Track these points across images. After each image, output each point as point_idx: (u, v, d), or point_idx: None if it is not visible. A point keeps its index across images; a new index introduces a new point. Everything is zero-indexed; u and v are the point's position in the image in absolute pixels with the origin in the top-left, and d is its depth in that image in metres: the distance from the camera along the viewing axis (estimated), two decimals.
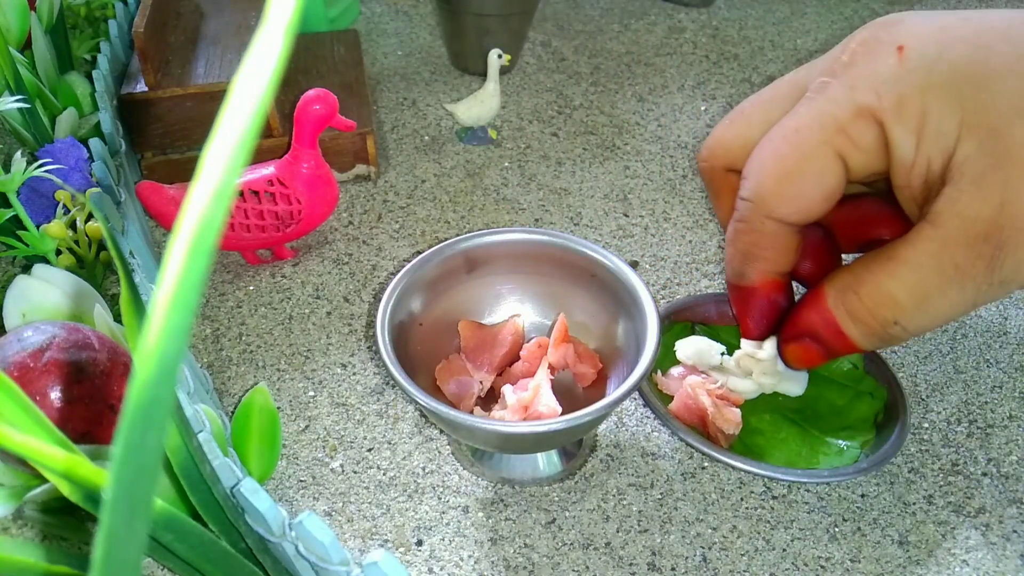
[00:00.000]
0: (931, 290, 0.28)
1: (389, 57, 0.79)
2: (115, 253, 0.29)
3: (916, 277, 0.28)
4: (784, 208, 0.32)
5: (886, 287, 0.29)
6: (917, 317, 0.29)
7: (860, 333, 0.31)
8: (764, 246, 0.33)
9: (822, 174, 0.30)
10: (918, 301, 0.29)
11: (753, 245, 0.33)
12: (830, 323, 0.32)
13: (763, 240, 0.33)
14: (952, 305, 0.29)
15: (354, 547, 0.40)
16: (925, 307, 0.29)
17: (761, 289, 0.35)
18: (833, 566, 0.39)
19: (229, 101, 0.11)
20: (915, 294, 0.29)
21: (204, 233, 0.11)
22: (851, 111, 0.29)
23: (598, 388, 0.43)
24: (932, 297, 0.28)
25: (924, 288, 0.28)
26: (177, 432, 0.29)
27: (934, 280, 0.28)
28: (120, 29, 0.63)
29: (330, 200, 0.54)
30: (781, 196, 0.31)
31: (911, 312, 0.29)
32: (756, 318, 0.36)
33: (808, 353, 0.34)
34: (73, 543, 0.39)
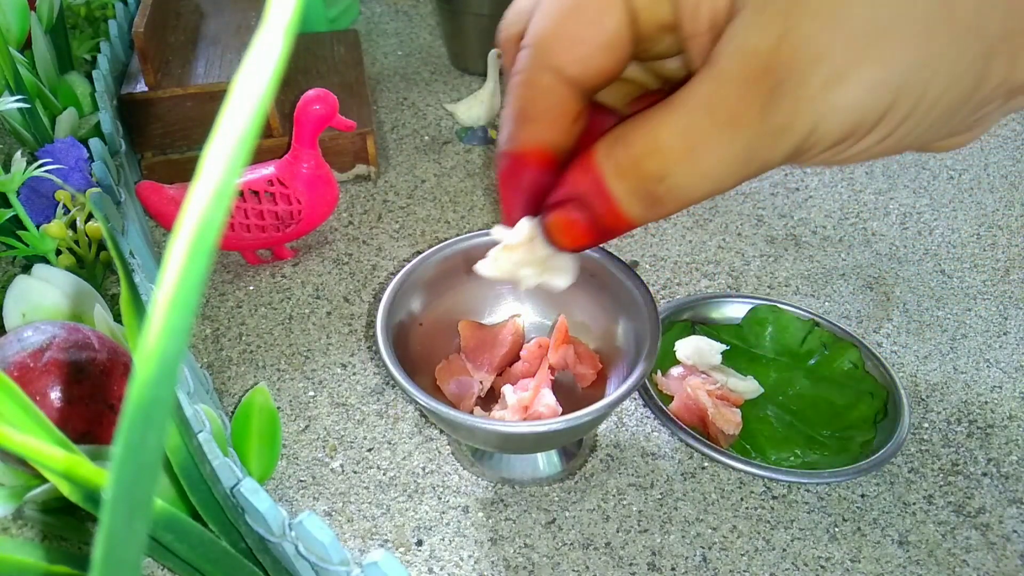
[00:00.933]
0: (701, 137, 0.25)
1: (389, 57, 0.79)
2: (115, 253, 0.29)
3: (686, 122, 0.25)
4: (562, 55, 0.28)
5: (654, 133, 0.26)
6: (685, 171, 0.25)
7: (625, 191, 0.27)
8: (539, 104, 0.29)
9: (602, 13, 0.27)
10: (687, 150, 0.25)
11: (528, 101, 0.29)
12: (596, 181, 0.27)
13: (539, 97, 0.29)
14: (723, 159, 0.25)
15: (354, 547, 0.40)
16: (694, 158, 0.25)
17: (529, 157, 0.30)
18: (833, 566, 0.39)
19: (229, 101, 0.11)
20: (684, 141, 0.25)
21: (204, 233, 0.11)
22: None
23: (598, 388, 0.43)
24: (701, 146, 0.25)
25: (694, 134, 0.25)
26: (177, 432, 0.29)
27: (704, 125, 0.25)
28: (120, 29, 0.63)
29: (330, 200, 0.54)
30: (558, 39, 0.28)
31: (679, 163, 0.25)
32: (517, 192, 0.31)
33: (572, 224, 0.29)
34: (73, 543, 0.39)
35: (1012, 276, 0.55)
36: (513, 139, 0.30)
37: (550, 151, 0.30)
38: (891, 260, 0.56)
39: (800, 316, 0.48)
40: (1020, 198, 0.62)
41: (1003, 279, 0.55)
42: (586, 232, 0.29)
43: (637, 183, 0.26)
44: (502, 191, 0.31)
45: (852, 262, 0.56)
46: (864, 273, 0.55)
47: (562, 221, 0.29)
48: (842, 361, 0.46)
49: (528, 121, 0.29)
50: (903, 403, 0.43)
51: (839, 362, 0.46)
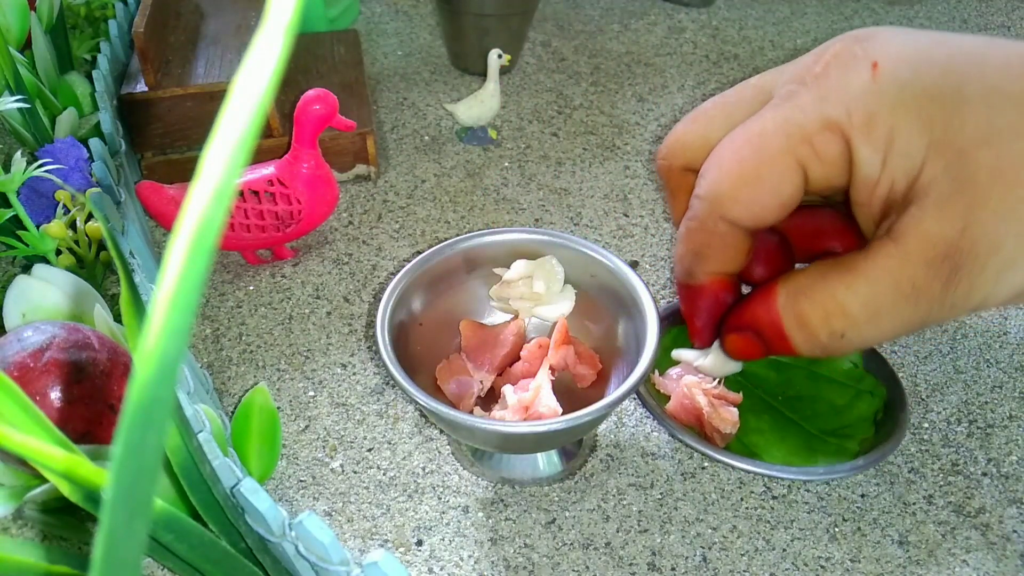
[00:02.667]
0: (885, 306, 0.28)
1: (389, 57, 0.79)
2: (115, 253, 0.29)
3: (872, 291, 0.28)
4: (738, 211, 0.31)
5: (841, 297, 0.29)
6: (866, 331, 0.29)
7: (803, 339, 0.31)
8: (715, 246, 0.33)
9: (781, 182, 0.30)
10: (870, 315, 0.29)
11: (704, 245, 0.33)
12: (775, 324, 0.32)
13: (714, 240, 0.33)
14: (902, 323, 0.29)
15: (354, 547, 0.40)
16: (876, 322, 0.29)
17: (709, 288, 0.35)
18: (833, 566, 0.39)
19: (229, 101, 0.11)
20: (868, 308, 0.29)
21: (204, 233, 0.11)
22: (818, 122, 0.29)
23: (598, 388, 0.43)
24: (884, 313, 0.28)
25: (878, 303, 0.28)
26: (177, 432, 0.29)
27: (889, 296, 0.28)
28: (120, 29, 0.63)
29: (330, 200, 0.54)
30: (736, 199, 0.31)
31: (861, 325, 0.29)
32: (703, 317, 0.36)
33: (747, 346, 0.34)
34: (73, 543, 0.39)
35: None
36: (692, 274, 0.34)
37: (730, 279, 0.35)
38: None
39: None
40: None
41: None
42: (758, 354, 0.34)
43: (817, 335, 0.30)
44: (688, 316, 0.36)
45: None
46: None
47: (740, 344, 0.34)
48: (842, 360, 0.46)
49: (706, 260, 0.34)
50: (904, 400, 0.43)
51: (839, 361, 0.46)
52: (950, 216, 0.27)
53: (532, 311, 0.44)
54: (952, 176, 0.27)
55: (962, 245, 0.27)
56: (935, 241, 0.27)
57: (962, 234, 0.26)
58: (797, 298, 0.31)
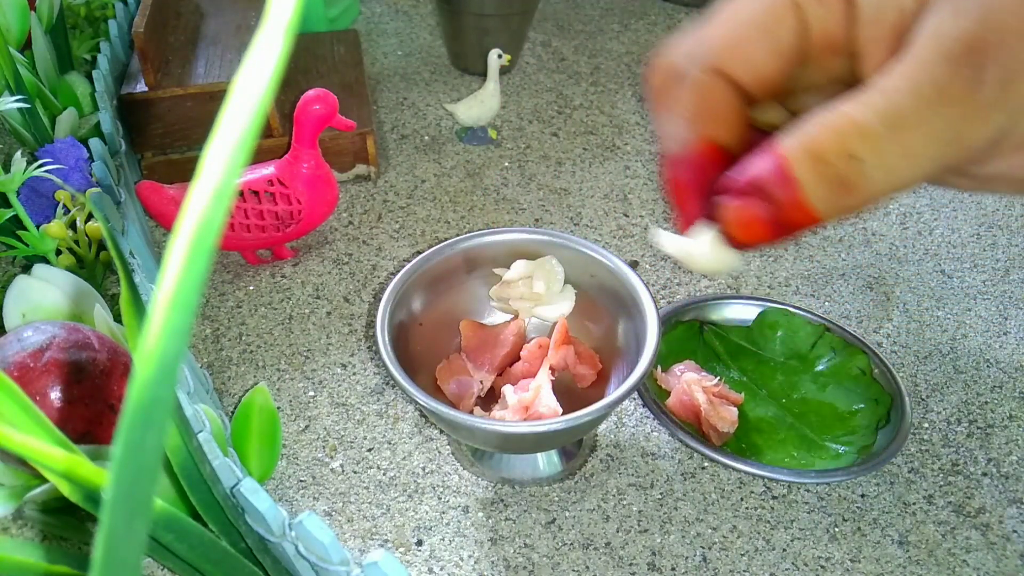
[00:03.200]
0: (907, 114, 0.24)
1: (389, 57, 0.79)
2: (115, 253, 0.29)
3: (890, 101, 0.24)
4: (736, 64, 0.28)
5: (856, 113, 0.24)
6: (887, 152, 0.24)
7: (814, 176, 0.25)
8: (709, 107, 0.29)
9: (778, 26, 0.27)
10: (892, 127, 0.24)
11: (697, 105, 0.29)
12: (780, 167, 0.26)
13: (708, 100, 0.28)
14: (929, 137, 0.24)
15: (354, 547, 0.40)
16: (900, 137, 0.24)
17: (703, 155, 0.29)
18: (833, 566, 0.39)
19: (229, 101, 0.11)
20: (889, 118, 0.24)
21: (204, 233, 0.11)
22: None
23: (598, 388, 0.43)
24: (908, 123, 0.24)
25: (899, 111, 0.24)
26: (177, 432, 0.29)
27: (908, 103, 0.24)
28: (120, 29, 0.63)
29: (330, 200, 0.54)
30: (733, 50, 0.28)
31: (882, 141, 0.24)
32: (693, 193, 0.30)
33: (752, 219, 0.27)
34: (73, 543, 0.39)
35: (1012, 276, 0.55)
36: (686, 140, 0.29)
37: (724, 149, 0.29)
38: (891, 260, 0.56)
39: (811, 320, 0.48)
40: (1020, 198, 0.62)
41: (1003, 279, 0.55)
42: (765, 227, 0.27)
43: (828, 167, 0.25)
44: (676, 194, 0.30)
45: (852, 262, 0.56)
46: (864, 273, 0.55)
47: (741, 215, 0.27)
48: (850, 367, 0.46)
49: (704, 120, 0.29)
50: (906, 410, 0.43)
51: (847, 367, 0.46)
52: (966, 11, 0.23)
53: (532, 311, 0.44)
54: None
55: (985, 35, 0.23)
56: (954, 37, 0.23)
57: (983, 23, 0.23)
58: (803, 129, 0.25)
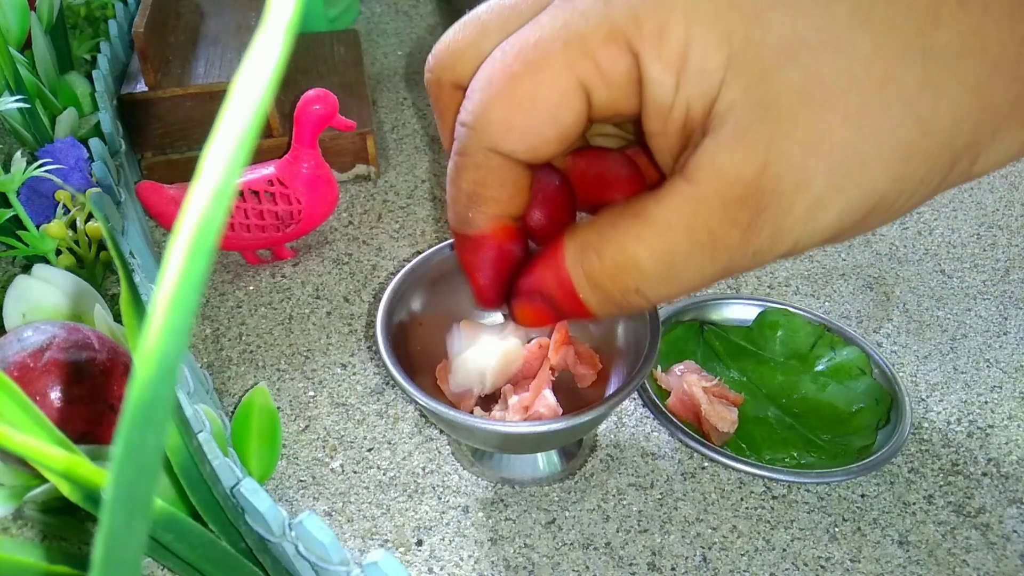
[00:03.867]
0: (679, 257, 0.25)
1: (389, 57, 0.79)
2: (115, 253, 0.29)
3: (664, 241, 0.25)
4: (512, 141, 0.26)
5: (631, 250, 0.25)
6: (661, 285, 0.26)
7: (597, 300, 0.27)
8: (491, 185, 0.28)
9: (559, 106, 0.25)
10: (664, 268, 0.25)
11: (478, 184, 0.28)
12: (565, 285, 0.27)
13: (489, 177, 0.28)
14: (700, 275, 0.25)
15: (354, 547, 0.40)
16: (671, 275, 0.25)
17: (492, 238, 0.29)
18: (833, 566, 0.39)
19: (229, 101, 0.11)
20: (662, 260, 0.25)
21: (204, 233, 0.11)
22: (602, 32, 0.24)
23: (598, 388, 0.43)
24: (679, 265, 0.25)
25: (672, 254, 0.25)
26: (177, 432, 0.29)
27: (683, 246, 0.24)
28: (120, 29, 0.63)
29: (330, 200, 0.54)
30: (509, 126, 0.26)
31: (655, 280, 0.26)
32: (489, 274, 0.30)
33: (539, 313, 0.29)
34: (73, 543, 0.39)
35: (1012, 276, 0.55)
36: (470, 222, 0.29)
37: (512, 225, 0.29)
38: (891, 260, 0.56)
39: (811, 320, 0.48)
40: (1020, 198, 0.62)
41: (1003, 279, 0.55)
42: (551, 320, 0.30)
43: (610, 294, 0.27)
44: (468, 270, 0.31)
45: (852, 262, 0.56)
46: (864, 273, 0.55)
47: (531, 312, 0.30)
48: (850, 367, 0.46)
49: (483, 202, 0.29)
50: (906, 409, 0.43)
51: (847, 368, 0.46)
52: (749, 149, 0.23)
53: None
54: (752, 100, 0.23)
55: (764, 184, 0.23)
56: (732, 180, 0.23)
57: (763, 171, 0.23)
58: (586, 254, 0.27)
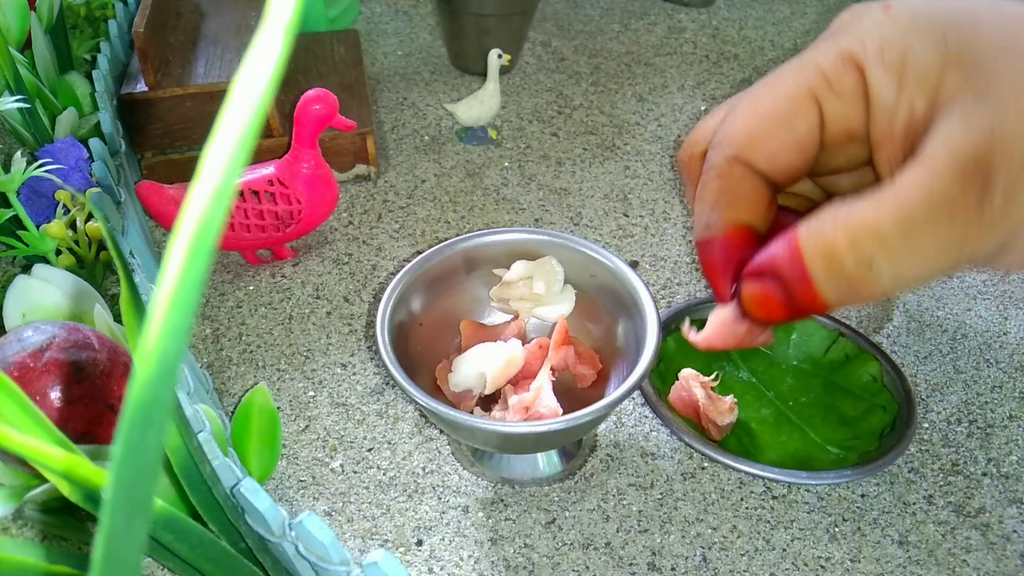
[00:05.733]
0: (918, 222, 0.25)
1: (389, 57, 0.79)
2: (115, 253, 0.29)
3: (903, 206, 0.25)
4: (755, 152, 0.29)
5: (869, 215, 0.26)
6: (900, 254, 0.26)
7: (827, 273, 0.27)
8: (732, 193, 0.30)
9: (795, 117, 0.29)
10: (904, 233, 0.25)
11: (721, 192, 0.30)
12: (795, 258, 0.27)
13: (731, 187, 0.30)
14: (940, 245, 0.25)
15: (354, 547, 0.40)
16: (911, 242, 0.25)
17: (729, 237, 0.31)
18: (833, 566, 0.39)
19: (229, 101, 0.11)
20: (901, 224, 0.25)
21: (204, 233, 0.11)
22: (832, 56, 0.28)
23: (598, 388, 0.43)
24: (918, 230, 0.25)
25: (911, 218, 0.25)
26: (177, 432, 0.29)
27: (922, 211, 0.25)
28: (120, 29, 0.63)
29: (330, 200, 0.54)
30: (752, 138, 0.29)
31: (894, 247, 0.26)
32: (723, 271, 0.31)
33: (767, 296, 0.29)
34: (73, 543, 0.39)
35: (1012, 276, 0.55)
36: (714, 224, 0.31)
37: (750, 230, 0.31)
38: None
39: (826, 325, 0.48)
40: None
41: (1003, 279, 0.55)
42: (780, 308, 0.29)
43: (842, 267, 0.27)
44: (710, 275, 0.32)
45: None
46: None
47: (757, 294, 0.29)
48: (862, 373, 0.46)
49: (728, 206, 0.31)
50: (914, 419, 0.43)
51: (858, 374, 0.46)
52: (976, 123, 0.25)
53: (532, 312, 0.44)
54: (973, 86, 0.25)
55: (993, 149, 0.25)
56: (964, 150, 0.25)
57: (991, 138, 0.25)
58: (820, 224, 0.27)
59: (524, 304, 0.44)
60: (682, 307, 0.50)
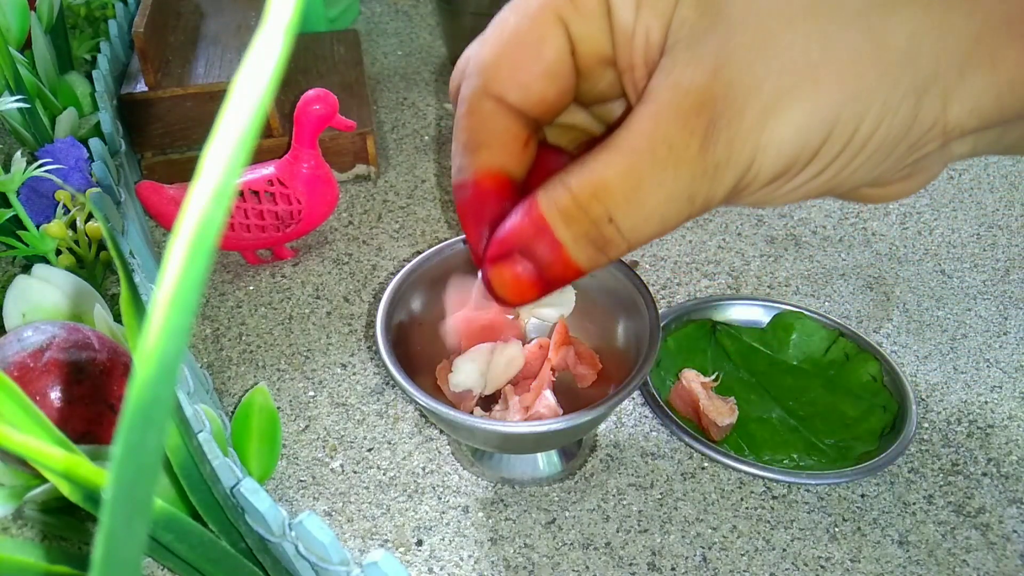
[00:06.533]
0: (644, 175, 0.24)
1: (389, 57, 0.79)
2: (115, 253, 0.29)
3: (629, 161, 0.24)
4: (503, 82, 0.27)
5: (598, 173, 0.25)
6: (632, 211, 0.25)
7: (572, 236, 0.26)
8: (486, 129, 0.28)
9: (541, 41, 0.27)
10: (631, 188, 0.24)
11: (475, 130, 0.28)
12: (540, 227, 0.26)
13: (485, 122, 0.28)
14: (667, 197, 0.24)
15: (354, 547, 0.40)
16: (639, 197, 0.24)
17: (482, 183, 0.28)
18: (833, 566, 0.39)
19: (229, 101, 0.11)
20: (628, 180, 0.24)
21: (204, 233, 0.11)
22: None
23: (598, 388, 0.43)
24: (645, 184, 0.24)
25: (637, 173, 0.24)
26: (177, 432, 0.29)
27: (647, 163, 0.24)
28: (120, 29, 0.63)
29: (330, 200, 0.54)
30: (498, 67, 0.27)
31: (624, 203, 0.24)
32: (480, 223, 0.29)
33: (518, 277, 0.27)
34: (73, 543, 0.39)
35: (1012, 276, 0.55)
36: (465, 168, 0.29)
37: (504, 175, 0.29)
38: (891, 260, 0.56)
39: (826, 325, 0.48)
40: (1020, 198, 0.62)
41: (1003, 279, 0.55)
42: (532, 285, 0.27)
43: (584, 226, 0.25)
44: (464, 225, 0.30)
45: (852, 262, 0.56)
46: (864, 273, 0.55)
47: (509, 276, 0.27)
48: (862, 373, 0.46)
49: (478, 147, 0.28)
50: (912, 417, 0.43)
51: (858, 373, 0.46)
52: (700, 58, 0.23)
53: (532, 311, 0.44)
54: (704, 15, 0.23)
55: (716, 89, 0.23)
56: (686, 89, 0.23)
57: (715, 77, 0.23)
58: (556, 188, 0.26)
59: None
60: (682, 307, 0.50)
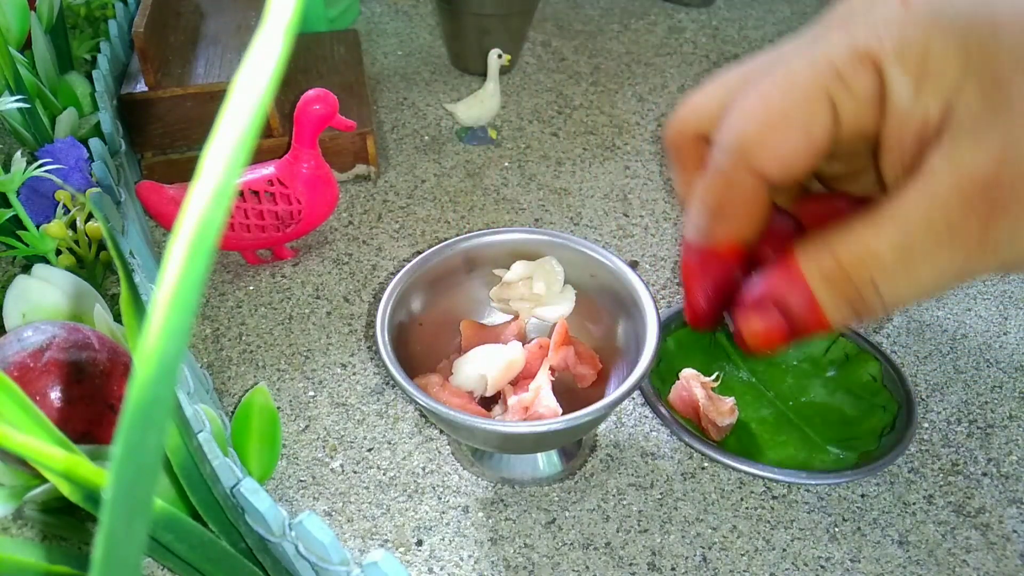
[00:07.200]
0: (918, 248, 0.25)
1: (389, 57, 0.79)
2: (115, 253, 0.29)
3: (902, 232, 0.25)
4: (766, 157, 0.28)
5: (867, 241, 0.26)
6: (898, 279, 0.26)
7: (831, 297, 0.27)
8: (738, 203, 0.29)
9: (810, 119, 0.27)
10: (903, 259, 0.25)
11: (726, 201, 0.30)
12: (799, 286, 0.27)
13: (738, 196, 0.29)
14: (939, 271, 0.25)
15: (354, 547, 0.40)
16: (909, 267, 0.25)
17: (723, 254, 0.31)
18: (833, 566, 0.39)
19: (229, 101, 0.11)
20: (900, 250, 0.25)
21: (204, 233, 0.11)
22: (848, 53, 0.27)
23: (598, 388, 0.43)
24: (918, 257, 0.25)
25: (910, 245, 0.25)
26: (177, 432, 0.29)
27: (922, 237, 0.25)
28: (120, 29, 0.63)
29: (330, 200, 0.54)
30: (763, 143, 0.28)
31: (892, 271, 0.26)
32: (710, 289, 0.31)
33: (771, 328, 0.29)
34: (73, 543, 0.39)
35: (1012, 276, 0.55)
36: (707, 234, 0.31)
37: (742, 246, 0.31)
38: None
39: None
40: None
41: (1003, 279, 0.55)
42: (783, 336, 0.29)
43: (846, 289, 0.27)
44: (688, 281, 0.32)
45: None
46: None
47: (763, 326, 0.29)
48: (862, 373, 0.46)
49: (727, 217, 0.30)
50: (914, 419, 0.43)
51: (858, 373, 0.46)
52: (987, 145, 0.24)
53: (532, 312, 0.44)
54: (989, 103, 0.24)
55: (1002, 177, 0.24)
56: (970, 176, 0.24)
57: (1001, 165, 0.24)
58: (819, 252, 0.27)
59: (524, 304, 0.44)
60: (682, 307, 0.50)
